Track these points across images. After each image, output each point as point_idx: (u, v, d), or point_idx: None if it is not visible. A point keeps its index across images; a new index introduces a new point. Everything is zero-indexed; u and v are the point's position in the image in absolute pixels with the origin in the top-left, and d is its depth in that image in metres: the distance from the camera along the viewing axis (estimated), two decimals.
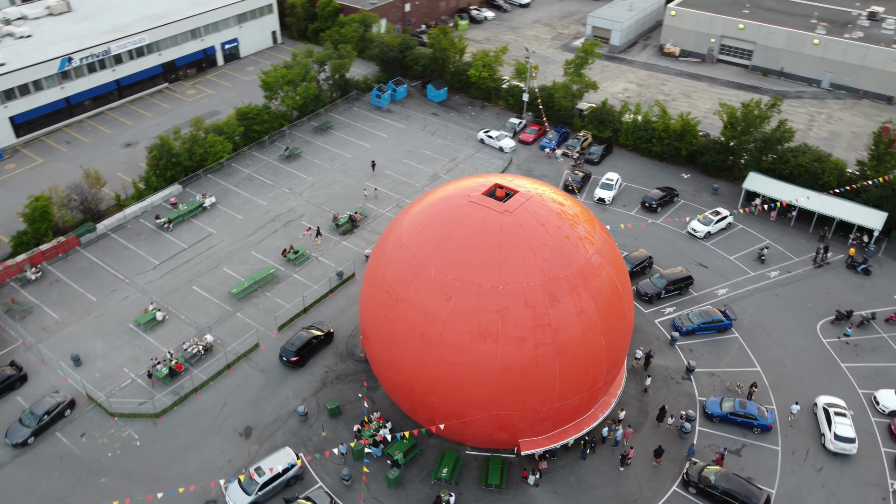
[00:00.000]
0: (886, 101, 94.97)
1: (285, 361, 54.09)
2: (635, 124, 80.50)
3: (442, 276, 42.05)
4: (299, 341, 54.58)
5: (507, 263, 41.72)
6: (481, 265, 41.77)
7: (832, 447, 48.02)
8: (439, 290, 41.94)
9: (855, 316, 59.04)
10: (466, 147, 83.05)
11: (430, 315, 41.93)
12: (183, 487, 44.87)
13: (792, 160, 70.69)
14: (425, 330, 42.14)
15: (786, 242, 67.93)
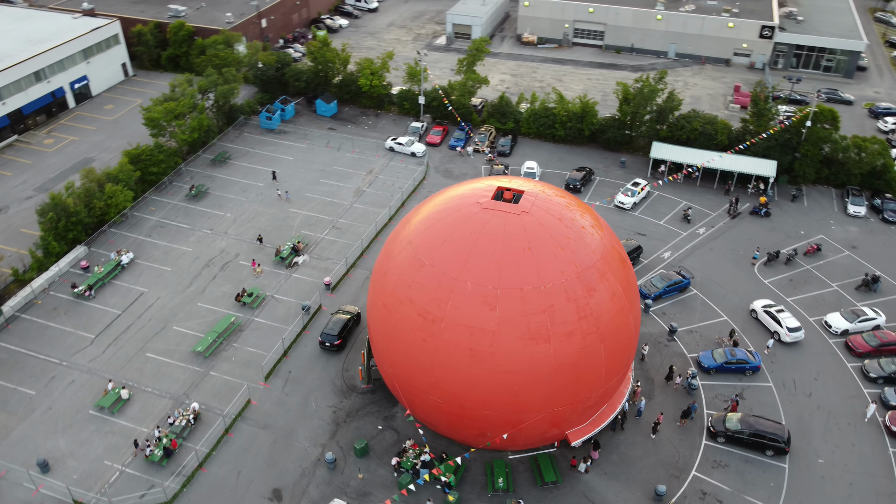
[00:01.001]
0: (725, 63, 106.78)
1: (328, 346, 55.28)
2: (535, 112, 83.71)
3: (480, 287, 41.43)
4: (338, 324, 55.90)
5: (542, 262, 42.06)
6: (517, 269, 41.73)
7: (788, 339, 56.17)
8: (481, 301, 41.31)
9: (782, 255, 66.43)
10: (377, 157, 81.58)
11: (477, 328, 41.20)
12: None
13: (686, 126, 77.49)
14: (473, 345, 41.33)
15: (700, 201, 74.49)
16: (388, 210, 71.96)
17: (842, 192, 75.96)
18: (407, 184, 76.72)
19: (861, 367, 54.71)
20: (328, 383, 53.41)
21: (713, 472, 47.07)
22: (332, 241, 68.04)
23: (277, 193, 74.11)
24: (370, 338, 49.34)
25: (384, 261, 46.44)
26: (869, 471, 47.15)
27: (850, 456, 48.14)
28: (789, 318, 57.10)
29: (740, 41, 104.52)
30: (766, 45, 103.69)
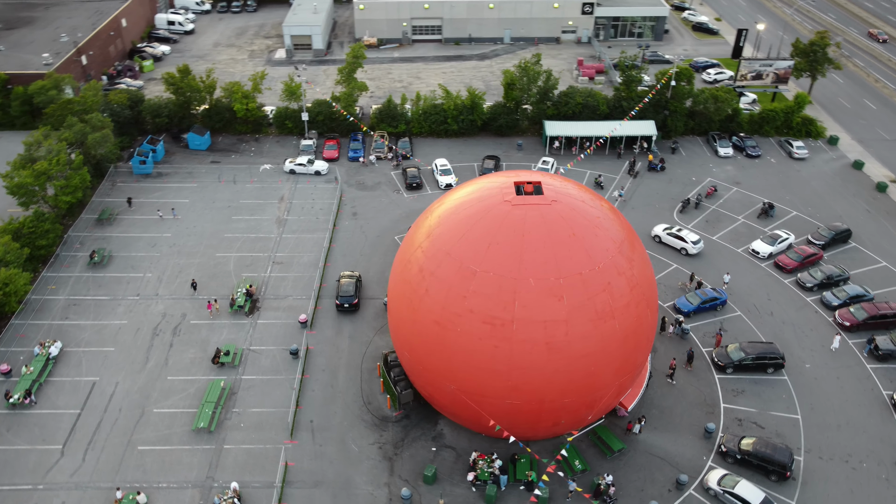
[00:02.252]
0: (555, 41, 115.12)
1: (347, 307, 59.01)
2: (425, 111, 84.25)
3: (543, 281, 41.84)
4: (350, 286, 59.80)
5: (588, 245, 43.51)
6: (570, 255, 42.75)
7: (694, 250, 66.06)
8: (547, 294, 41.79)
9: (692, 202, 74.29)
10: (280, 183, 76.99)
11: (549, 321, 41.66)
12: None
13: (571, 101, 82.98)
14: (548, 338, 41.74)
15: (601, 168, 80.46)
16: (325, 233, 68.65)
17: (706, 139, 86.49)
18: (327, 203, 73.55)
19: (796, 280, 63.62)
20: (357, 421, 50.39)
21: (736, 400, 52.27)
22: (280, 278, 63.46)
23: (159, 214, 69.68)
24: (406, 362, 47.56)
25: (420, 280, 44.63)
26: (845, 363, 55.36)
27: (826, 356, 56.10)
28: (690, 234, 67.48)
29: (566, 19, 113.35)
30: (588, 21, 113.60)
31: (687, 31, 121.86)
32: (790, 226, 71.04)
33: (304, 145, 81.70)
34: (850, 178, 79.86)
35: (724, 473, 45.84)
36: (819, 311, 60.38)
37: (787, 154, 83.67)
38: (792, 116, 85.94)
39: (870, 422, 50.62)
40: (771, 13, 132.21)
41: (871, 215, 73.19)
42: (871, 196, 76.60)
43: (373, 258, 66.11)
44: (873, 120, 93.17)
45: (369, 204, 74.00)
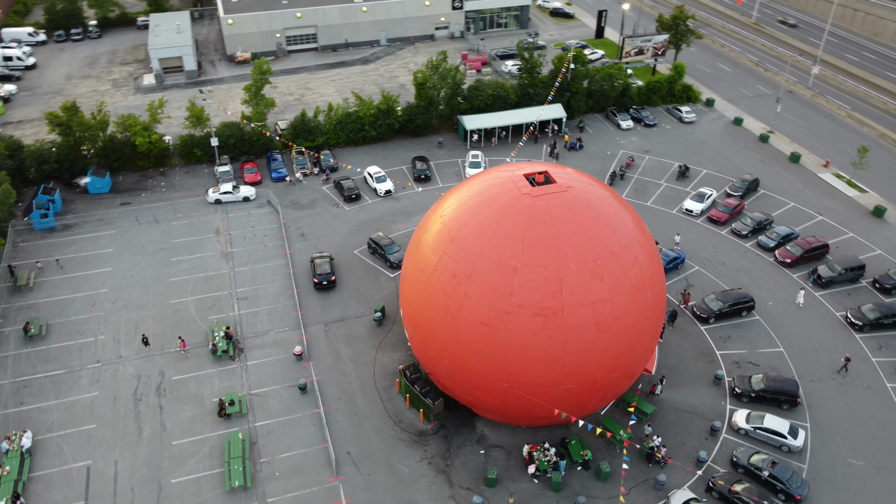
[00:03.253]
0: (430, 38, 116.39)
1: (326, 284, 61.33)
2: (340, 120, 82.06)
3: (584, 265, 43.02)
4: (326, 264, 62.47)
5: (611, 225, 45.37)
6: (600, 237, 44.32)
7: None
8: (591, 276, 43.07)
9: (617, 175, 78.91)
10: (208, 215, 71.63)
11: (596, 302, 42.96)
12: None
13: (482, 94, 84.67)
14: (597, 319, 43.07)
15: (523, 154, 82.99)
16: (280, 260, 65.05)
17: (605, 115, 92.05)
18: (268, 228, 69.63)
19: (732, 230, 70.05)
20: (395, 442, 48.74)
21: (727, 345, 56.91)
22: (252, 314, 59.38)
23: (38, 265, 63.66)
24: (444, 371, 46.76)
25: (455, 286, 43.99)
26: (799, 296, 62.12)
27: (784, 292, 62.49)
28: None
29: (438, 16, 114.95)
30: (459, 16, 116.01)
31: (546, 18, 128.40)
32: (706, 182, 77.90)
33: (221, 172, 76.46)
34: (735, 133, 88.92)
35: (748, 412, 49.95)
36: (760, 254, 67.04)
37: (678, 119, 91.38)
38: (674, 85, 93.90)
39: (836, 341, 57.29)
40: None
41: (765, 164, 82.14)
42: (757, 147, 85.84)
43: (342, 276, 63.71)
44: (732, 81, 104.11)
45: (313, 222, 71.01)
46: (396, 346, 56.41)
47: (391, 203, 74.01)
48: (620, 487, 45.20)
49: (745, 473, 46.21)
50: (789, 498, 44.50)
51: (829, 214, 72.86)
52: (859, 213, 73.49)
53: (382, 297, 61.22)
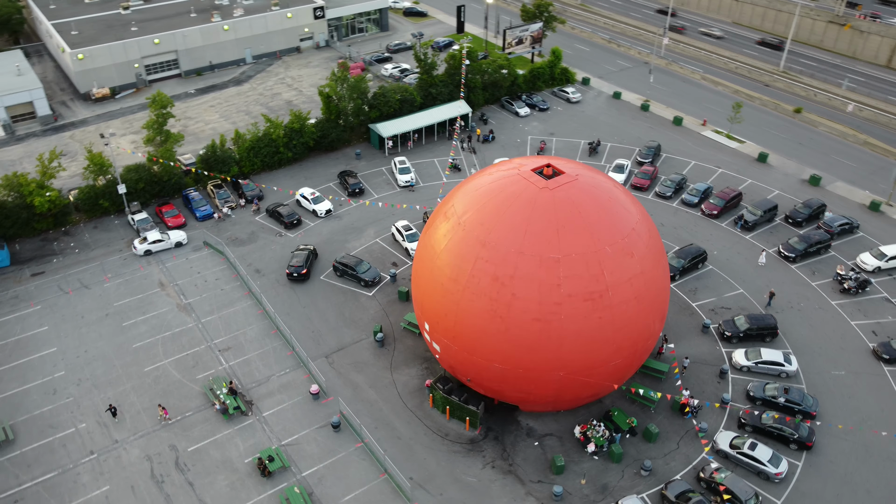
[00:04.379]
0: (296, 51, 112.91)
1: (296, 276, 62.74)
2: (253, 146, 77.78)
3: (615, 245, 45.33)
4: (299, 257, 63.77)
5: (626, 205, 48.18)
6: (621, 217, 46.97)
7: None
8: (623, 255, 45.50)
9: None
10: (142, 269, 65.09)
11: (633, 277, 45.46)
12: None
13: (391, 100, 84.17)
14: (636, 292, 45.58)
15: (439, 153, 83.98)
16: (246, 301, 61.00)
17: (500, 105, 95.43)
18: (217, 271, 64.81)
19: (655, 193, 76.33)
20: (451, 456, 48.29)
21: (697, 296, 62.45)
22: (243, 362, 55.35)
23: None
24: (493, 374, 46.99)
25: (500, 288, 44.29)
26: (733, 240, 69.30)
27: (722, 240, 69.45)
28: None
29: (301, 27, 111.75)
30: (322, 25, 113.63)
31: (401, 18, 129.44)
32: (613, 154, 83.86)
33: (138, 221, 69.50)
34: (619, 106, 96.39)
35: (745, 350, 55.49)
36: (688, 210, 73.84)
37: (566, 100, 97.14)
38: (554, 69, 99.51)
39: (779, 275, 64.98)
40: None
41: (655, 129, 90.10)
42: (642, 115, 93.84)
43: (321, 303, 61.11)
44: (594, 59, 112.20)
45: (262, 256, 67.11)
46: (408, 363, 55.53)
47: (335, 222, 71.84)
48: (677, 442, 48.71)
49: (763, 404, 51.52)
50: (806, 415, 50.41)
51: (726, 166, 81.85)
52: (747, 161, 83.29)
53: (371, 318, 59.74)
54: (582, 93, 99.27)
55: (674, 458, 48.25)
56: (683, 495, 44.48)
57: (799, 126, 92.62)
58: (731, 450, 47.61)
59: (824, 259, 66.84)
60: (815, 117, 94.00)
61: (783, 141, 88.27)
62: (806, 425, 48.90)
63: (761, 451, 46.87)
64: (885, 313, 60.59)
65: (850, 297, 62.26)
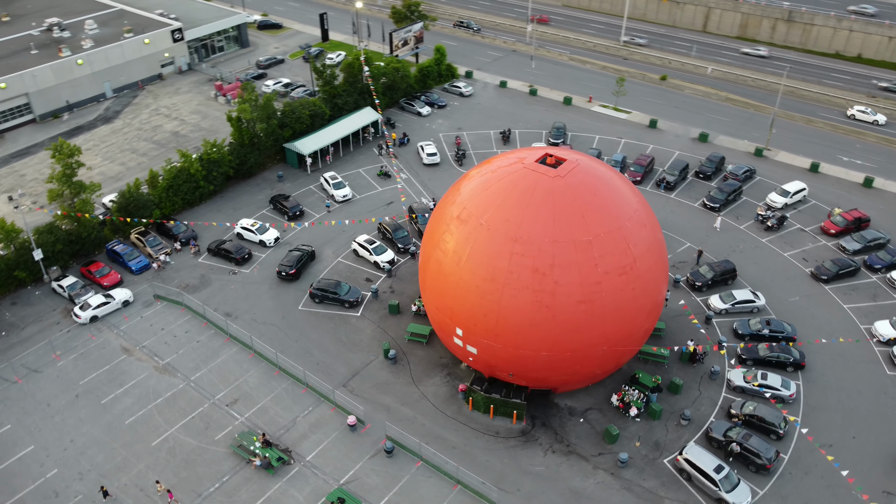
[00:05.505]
0: (159, 78, 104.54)
1: (284, 276, 63.73)
2: (171, 184, 71.63)
3: (633, 219, 48.37)
4: (293, 259, 64.39)
5: (626, 183, 51.52)
6: (628, 196, 50.11)
7: (428, 161, 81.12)
8: (639, 227, 48.74)
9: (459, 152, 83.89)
10: (94, 338, 58.05)
11: (652, 246, 48.92)
12: None
13: (302, 116, 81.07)
14: (655, 260, 49.15)
15: (359, 163, 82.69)
16: (231, 348, 56.82)
17: (400, 107, 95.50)
18: (183, 323, 59.54)
19: None
20: (512, 451, 48.91)
21: None
22: (259, 411, 51.70)
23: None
24: (540, 362, 48.21)
25: (542, 278, 45.50)
26: (664, 203, 75.66)
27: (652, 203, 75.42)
28: (429, 145, 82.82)
29: (161, 52, 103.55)
30: (182, 48, 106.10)
31: (257, 33, 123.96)
32: (523, 140, 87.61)
33: (69, 286, 61.63)
34: (509, 94, 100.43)
35: (718, 295, 61.33)
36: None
37: (459, 95, 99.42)
38: (441, 67, 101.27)
39: (709, 223, 72.15)
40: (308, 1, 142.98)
41: (551, 111, 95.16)
42: (533, 100, 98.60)
43: (312, 334, 58.39)
44: (465, 52, 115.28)
45: (226, 298, 62.55)
46: (429, 374, 55.05)
47: (285, 250, 68.48)
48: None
49: (751, 338, 57.48)
50: (789, 340, 57.04)
51: (626, 136, 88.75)
52: (641, 128, 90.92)
53: (369, 337, 58.28)
54: (471, 86, 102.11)
55: (701, 402, 52.60)
56: (727, 433, 48.84)
57: (668, 92, 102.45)
58: (746, 384, 52.88)
59: (740, 204, 75.23)
60: (680, 82, 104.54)
61: (660, 106, 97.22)
62: (796, 349, 55.48)
63: (773, 379, 52.62)
64: (806, 241, 69.79)
65: (775, 232, 70.88)
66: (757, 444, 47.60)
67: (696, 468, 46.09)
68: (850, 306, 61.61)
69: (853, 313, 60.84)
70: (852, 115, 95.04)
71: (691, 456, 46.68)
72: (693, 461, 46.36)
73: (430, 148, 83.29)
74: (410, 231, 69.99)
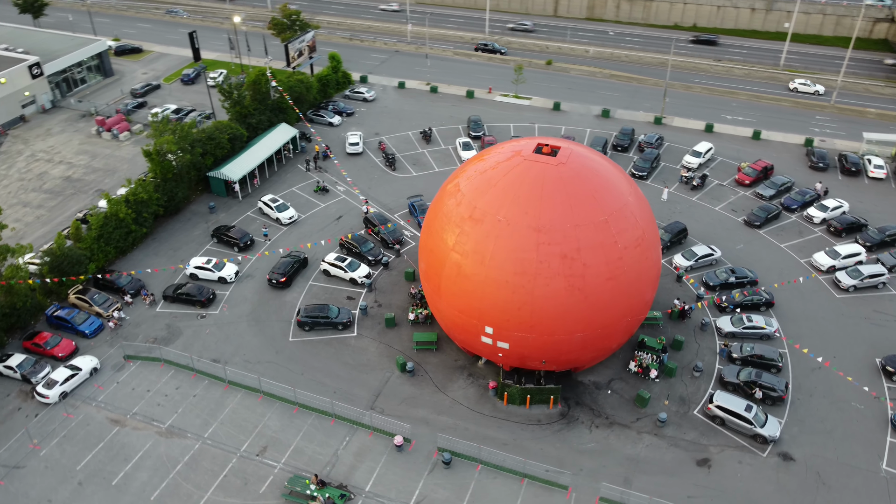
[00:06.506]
0: (21, 120, 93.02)
1: (275, 283, 63.09)
2: (101, 234, 64.53)
3: (635, 195, 51.16)
4: (283, 266, 63.84)
5: (616, 165, 53.66)
6: (623, 174, 52.65)
7: (351, 150, 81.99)
8: (641, 202, 51.68)
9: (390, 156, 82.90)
10: (71, 416, 51.45)
11: (651, 216, 51.84)
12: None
13: (220, 143, 76.01)
14: (655, 228, 52.10)
15: (290, 182, 79.39)
16: (233, 393, 52.84)
17: (307, 120, 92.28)
18: (167, 378, 54.38)
19: None
20: (562, 435, 50.13)
21: None
22: (295, 453, 48.68)
23: None
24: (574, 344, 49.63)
25: (571, 264, 46.82)
26: None
27: None
28: (353, 136, 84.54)
29: (20, 92, 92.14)
30: (42, 84, 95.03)
31: (118, 59, 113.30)
32: (444, 137, 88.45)
33: (19, 365, 53.89)
34: (412, 94, 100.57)
35: (680, 253, 66.22)
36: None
37: (363, 100, 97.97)
38: (338, 74, 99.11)
39: (650, 188, 77.52)
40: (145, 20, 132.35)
41: (458, 106, 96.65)
42: (437, 98, 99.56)
43: (315, 363, 55.74)
44: (352, 57, 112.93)
45: (206, 344, 57.82)
46: (451, 378, 54.74)
47: (251, 282, 64.51)
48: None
49: (721, 287, 62.76)
50: (753, 284, 63.04)
51: (538, 121, 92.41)
52: (548, 112, 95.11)
53: (376, 354, 56.80)
54: (372, 90, 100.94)
55: (703, 354, 56.90)
56: (738, 374, 53.37)
57: (557, 75, 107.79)
58: (735, 328, 57.90)
59: (661, 170, 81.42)
60: (565, 65, 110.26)
61: (555, 90, 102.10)
62: (764, 292, 61.45)
63: (758, 320, 58.06)
64: (728, 194, 77.13)
65: (700, 191, 77.58)
66: (769, 379, 52.55)
67: (729, 412, 50.05)
68: (786, 245, 69.23)
69: (790, 251, 68.44)
70: (794, 87, 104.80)
71: (721, 402, 50.58)
72: (725, 406, 50.27)
73: (353, 138, 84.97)
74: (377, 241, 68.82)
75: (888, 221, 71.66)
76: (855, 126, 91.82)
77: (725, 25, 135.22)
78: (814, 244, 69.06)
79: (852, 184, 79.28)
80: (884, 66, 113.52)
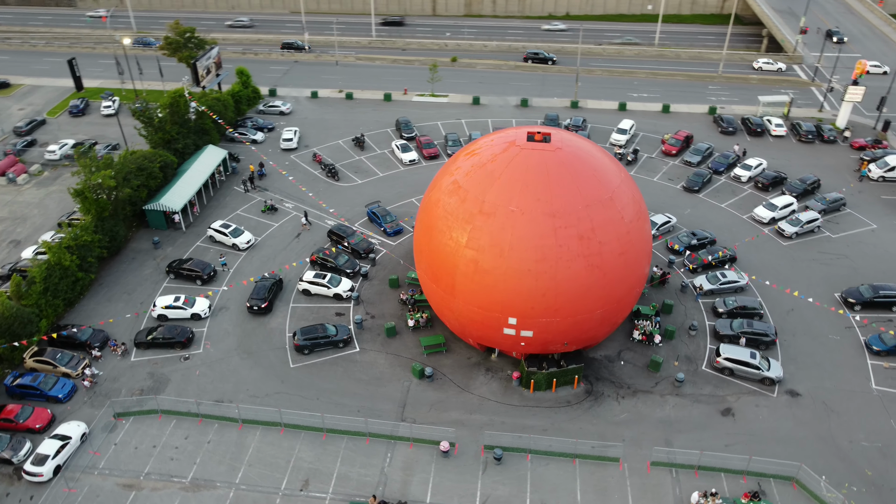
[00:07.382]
0: None
1: (256, 310, 60.12)
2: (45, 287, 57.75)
3: (627, 178, 53.08)
4: (261, 291, 60.78)
5: (612, 161, 55.47)
6: (612, 160, 54.33)
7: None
8: (631, 183, 53.66)
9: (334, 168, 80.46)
10: (73, 491, 45.86)
11: (640, 196, 54.19)
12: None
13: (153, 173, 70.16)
14: (645, 220, 54.56)
15: (233, 204, 75.15)
16: (254, 431, 49.50)
17: (230, 139, 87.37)
18: (168, 430, 49.98)
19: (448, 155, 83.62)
20: (592, 411, 51.35)
21: None
22: (343, 481, 46.45)
23: None
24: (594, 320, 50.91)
25: (588, 245, 48.00)
26: None
27: None
28: (288, 131, 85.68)
29: None
30: None
31: None
32: (376, 142, 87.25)
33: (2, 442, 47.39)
34: (332, 103, 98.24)
35: None
36: None
37: (280, 113, 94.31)
38: (248, 90, 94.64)
39: None
40: None
41: (380, 111, 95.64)
42: (355, 104, 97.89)
43: (327, 385, 53.32)
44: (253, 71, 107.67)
45: (202, 386, 53.46)
46: (471, 377, 54.38)
47: (228, 315, 60.46)
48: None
49: (691, 248, 66.70)
50: (712, 243, 67.58)
51: (462, 117, 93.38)
52: (468, 108, 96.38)
53: (387, 366, 55.32)
54: (293, 103, 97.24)
55: (692, 313, 60.40)
56: (731, 327, 57.22)
57: (464, 71, 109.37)
58: (713, 285, 61.95)
59: None
60: (469, 60, 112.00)
61: (467, 85, 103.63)
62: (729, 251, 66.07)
63: (731, 275, 62.45)
64: (660, 165, 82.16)
65: (635, 165, 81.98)
66: (760, 326, 56.85)
67: (737, 361, 53.58)
68: (725, 204, 74.90)
69: (730, 209, 74.10)
70: (759, 66, 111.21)
71: (728, 353, 54.03)
72: (732, 357, 53.75)
73: (287, 133, 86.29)
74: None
75: (800, 173, 79.48)
76: (744, 92, 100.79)
77: (595, 12, 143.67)
78: (749, 200, 75.20)
79: (759, 143, 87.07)
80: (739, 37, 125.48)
